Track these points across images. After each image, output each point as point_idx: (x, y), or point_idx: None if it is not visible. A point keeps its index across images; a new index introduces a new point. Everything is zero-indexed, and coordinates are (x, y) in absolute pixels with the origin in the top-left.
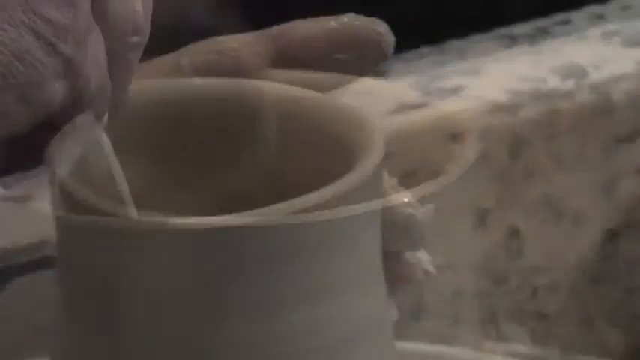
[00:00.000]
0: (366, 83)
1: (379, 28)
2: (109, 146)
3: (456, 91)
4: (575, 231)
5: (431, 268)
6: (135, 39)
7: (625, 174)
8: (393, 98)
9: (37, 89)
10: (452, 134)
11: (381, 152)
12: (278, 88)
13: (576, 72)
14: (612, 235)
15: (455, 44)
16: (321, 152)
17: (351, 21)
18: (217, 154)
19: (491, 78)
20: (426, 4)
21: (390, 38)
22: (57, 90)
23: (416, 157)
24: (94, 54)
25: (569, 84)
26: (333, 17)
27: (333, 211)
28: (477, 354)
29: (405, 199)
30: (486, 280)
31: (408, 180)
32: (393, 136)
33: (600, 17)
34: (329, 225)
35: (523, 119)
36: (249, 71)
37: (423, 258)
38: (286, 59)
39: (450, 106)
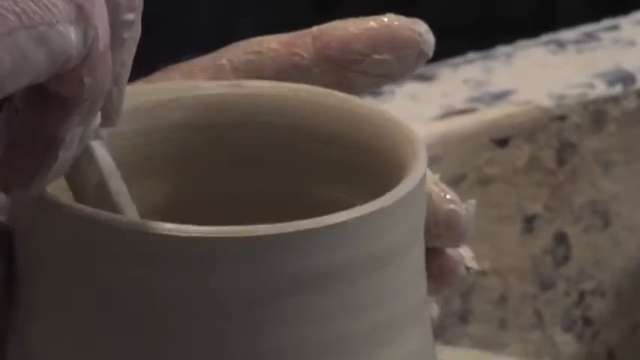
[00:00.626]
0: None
1: (419, 28)
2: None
3: (503, 96)
4: (623, 236)
5: (474, 264)
6: (130, 16)
7: None
8: (440, 103)
9: (52, 29)
10: (499, 139)
11: (425, 164)
12: (318, 93)
13: (624, 78)
14: None
15: (502, 49)
16: (362, 170)
17: (390, 21)
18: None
19: (538, 83)
20: (473, 9)
21: (430, 38)
22: (70, 33)
23: (464, 162)
24: (101, 9)
25: (617, 90)
26: (373, 17)
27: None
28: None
29: (448, 196)
30: (533, 285)
31: (457, 184)
32: (440, 141)
33: None
34: (377, 238)
35: (570, 125)
36: (288, 71)
37: (465, 254)
38: (325, 59)
39: (496, 111)
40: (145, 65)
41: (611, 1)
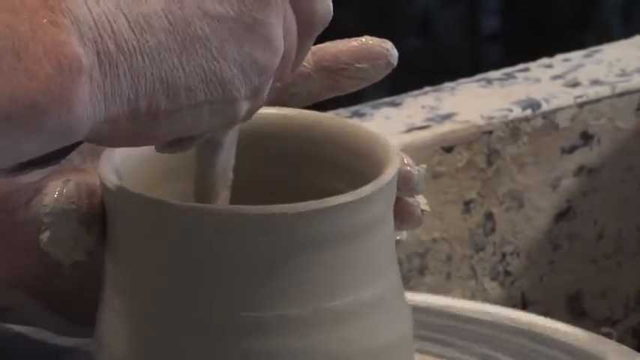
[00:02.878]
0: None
1: (387, 45)
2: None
3: (449, 117)
4: (532, 214)
5: (426, 207)
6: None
7: None
8: (405, 122)
9: (229, 106)
10: (446, 147)
11: (397, 164)
12: (321, 116)
13: (532, 104)
14: None
15: (448, 85)
16: (352, 166)
17: (367, 40)
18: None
19: (473, 108)
20: (429, 59)
21: (395, 53)
22: (243, 108)
23: (421, 163)
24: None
25: (528, 112)
26: (354, 38)
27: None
28: (475, 304)
29: (405, 160)
30: (470, 249)
31: None
32: (405, 148)
33: (548, 66)
34: (362, 213)
35: (495, 137)
36: (296, 78)
37: (420, 201)
38: (322, 68)
39: (444, 128)
40: None
41: (523, 51)
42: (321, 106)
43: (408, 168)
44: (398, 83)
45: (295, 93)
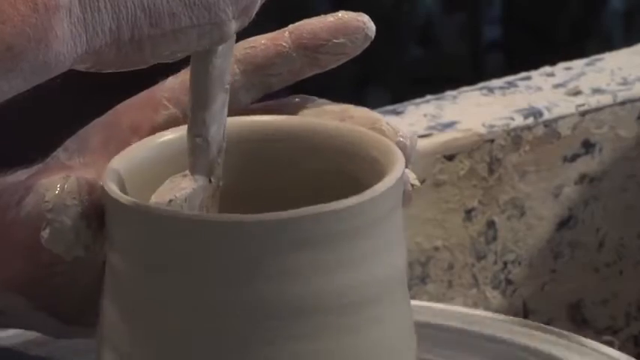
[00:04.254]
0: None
1: (364, 19)
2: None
3: (451, 125)
4: (533, 223)
5: (416, 182)
6: None
7: None
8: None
9: (217, 29)
10: (448, 155)
11: (403, 165)
12: (331, 124)
13: (534, 113)
14: None
15: (450, 93)
16: (357, 167)
17: (343, 15)
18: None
19: (475, 117)
20: (431, 69)
21: (372, 26)
22: (232, 28)
23: (424, 170)
24: None
25: (529, 121)
26: (331, 14)
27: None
28: (470, 310)
29: (399, 132)
30: (471, 257)
31: (418, 187)
32: None
33: (550, 75)
34: (373, 211)
35: (497, 145)
36: (274, 57)
37: (410, 176)
38: (300, 46)
39: (446, 136)
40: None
41: (525, 60)
42: None
43: (401, 138)
44: (400, 91)
45: (276, 73)
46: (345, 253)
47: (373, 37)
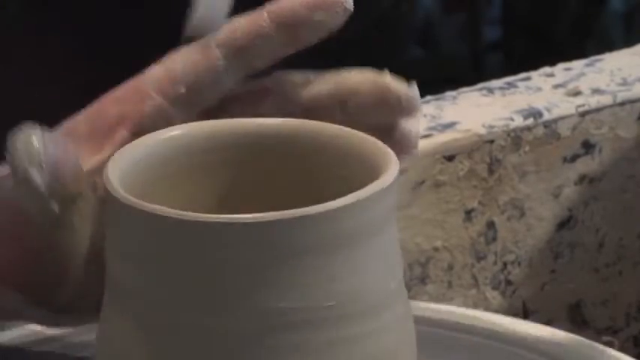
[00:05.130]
0: None
1: None
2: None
3: (451, 126)
4: (533, 223)
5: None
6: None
7: None
8: None
9: None
10: (448, 156)
11: (397, 168)
12: (328, 127)
13: (534, 113)
14: None
15: (450, 94)
16: (353, 171)
17: None
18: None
19: (475, 117)
20: (431, 70)
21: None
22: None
23: (424, 171)
24: None
25: (529, 122)
26: None
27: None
28: (473, 312)
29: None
30: (471, 257)
31: (419, 187)
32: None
33: (550, 75)
34: (365, 217)
35: (497, 146)
36: (255, 39)
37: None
38: (280, 25)
39: (446, 136)
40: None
41: (525, 60)
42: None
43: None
44: None
45: (257, 54)
46: (340, 259)
47: (352, 9)
